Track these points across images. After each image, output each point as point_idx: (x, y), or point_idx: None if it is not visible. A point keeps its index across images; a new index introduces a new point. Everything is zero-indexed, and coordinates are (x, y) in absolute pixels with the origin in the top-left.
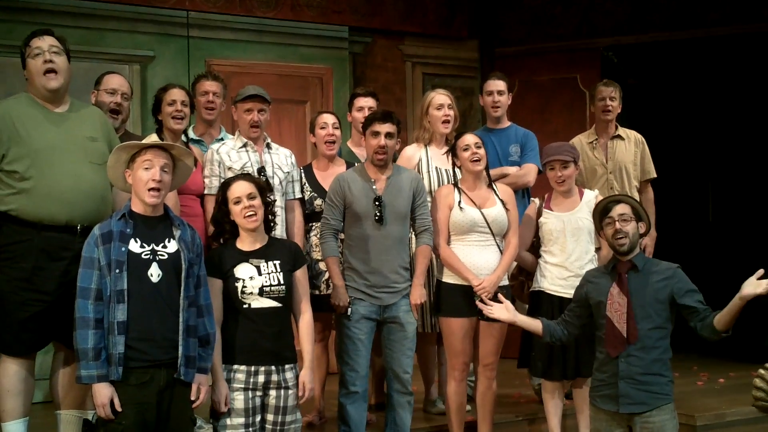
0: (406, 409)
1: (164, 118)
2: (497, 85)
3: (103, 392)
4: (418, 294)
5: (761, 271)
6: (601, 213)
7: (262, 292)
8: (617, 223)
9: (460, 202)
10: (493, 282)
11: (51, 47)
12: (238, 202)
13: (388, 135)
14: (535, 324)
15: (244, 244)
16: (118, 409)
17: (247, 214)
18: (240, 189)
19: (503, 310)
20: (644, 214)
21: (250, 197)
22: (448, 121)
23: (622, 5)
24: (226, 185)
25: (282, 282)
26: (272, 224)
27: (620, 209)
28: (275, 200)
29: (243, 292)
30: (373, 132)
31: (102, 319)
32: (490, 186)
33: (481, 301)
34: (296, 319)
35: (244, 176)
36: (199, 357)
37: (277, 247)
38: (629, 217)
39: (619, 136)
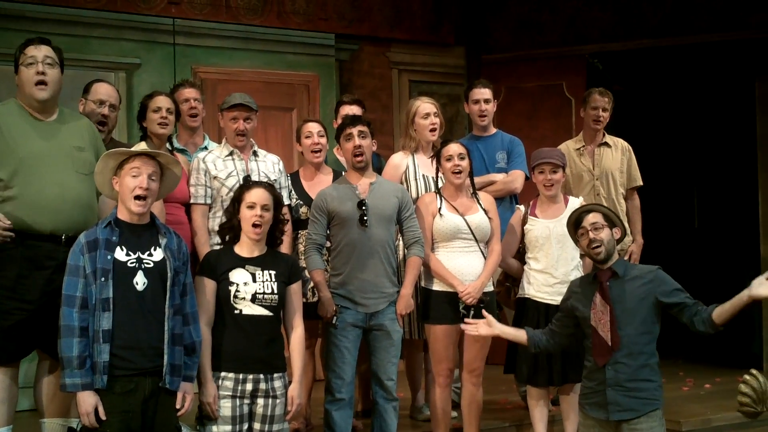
0: (392, 415)
1: (149, 125)
2: (483, 93)
3: (88, 400)
4: (404, 304)
5: None
6: (574, 225)
7: (254, 299)
8: (590, 233)
9: (441, 208)
10: (477, 287)
11: (46, 58)
12: (251, 207)
13: (361, 134)
14: (520, 335)
15: (243, 250)
16: (103, 417)
17: (255, 222)
18: (257, 195)
19: (485, 326)
20: (617, 219)
21: (264, 208)
22: (435, 130)
23: (608, 12)
24: (246, 187)
25: (275, 291)
26: (278, 241)
27: (592, 218)
28: (288, 219)
29: (236, 297)
30: (346, 136)
31: (87, 327)
32: (473, 194)
33: (465, 308)
34: (288, 333)
35: (266, 185)
36: (185, 365)
37: (274, 258)
38: (601, 225)
39: (606, 144)
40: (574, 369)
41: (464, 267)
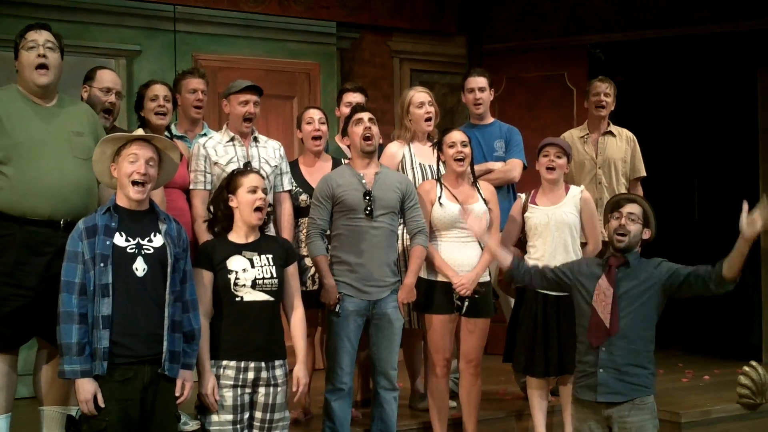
0: (392, 405)
1: (147, 114)
2: (478, 82)
3: (86, 388)
4: (407, 293)
5: (746, 205)
6: (612, 207)
7: (254, 285)
8: (624, 218)
9: (440, 197)
10: (472, 279)
11: (46, 42)
12: (253, 191)
13: (371, 120)
14: (506, 258)
15: (238, 236)
16: (102, 404)
17: (259, 206)
18: (257, 179)
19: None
20: (653, 221)
21: (264, 191)
22: (430, 119)
23: (609, 2)
24: (240, 173)
25: (275, 275)
26: (267, 222)
27: (631, 208)
28: (271, 205)
29: (236, 284)
30: (356, 121)
31: (86, 313)
32: (474, 184)
33: (460, 299)
34: (288, 315)
35: (257, 172)
36: (184, 353)
37: (269, 241)
38: (637, 218)
39: (610, 133)
40: (571, 360)
41: (460, 258)
